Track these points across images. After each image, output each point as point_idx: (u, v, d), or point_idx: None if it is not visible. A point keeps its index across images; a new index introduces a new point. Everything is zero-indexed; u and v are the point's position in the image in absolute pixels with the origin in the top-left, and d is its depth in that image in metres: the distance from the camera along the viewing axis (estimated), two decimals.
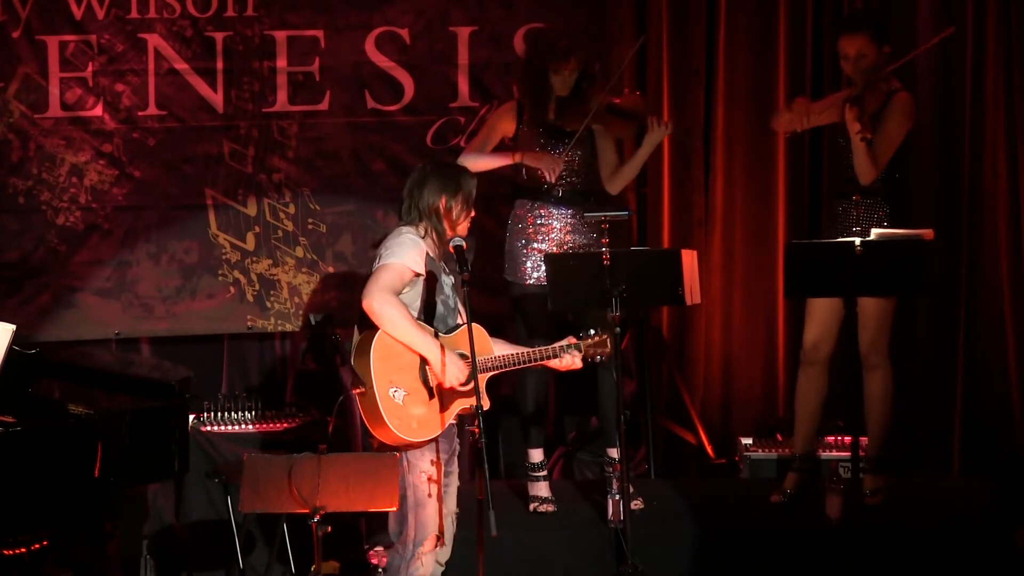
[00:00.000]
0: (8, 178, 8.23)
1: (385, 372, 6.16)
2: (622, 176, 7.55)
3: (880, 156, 7.25)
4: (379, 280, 6.15)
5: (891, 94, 7.30)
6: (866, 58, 7.25)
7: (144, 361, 8.08)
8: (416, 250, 6.21)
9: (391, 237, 6.29)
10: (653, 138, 7.41)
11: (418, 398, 6.19)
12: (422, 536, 6.23)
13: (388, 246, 6.24)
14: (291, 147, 8.39)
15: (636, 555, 6.93)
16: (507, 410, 8.05)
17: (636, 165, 7.53)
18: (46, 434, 6.25)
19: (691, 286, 7.05)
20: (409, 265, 6.18)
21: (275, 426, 8.16)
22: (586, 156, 7.51)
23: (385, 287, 6.14)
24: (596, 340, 6.48)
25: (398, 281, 6.17)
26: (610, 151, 7.56)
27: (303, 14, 8.34)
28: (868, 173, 7.24)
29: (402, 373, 6.18)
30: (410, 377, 6.20)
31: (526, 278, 7.47)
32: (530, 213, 7.51)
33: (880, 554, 7.07)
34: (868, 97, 7.19)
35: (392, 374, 6.17)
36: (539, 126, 7.47)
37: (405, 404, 6.17)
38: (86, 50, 8.21)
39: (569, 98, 7.44)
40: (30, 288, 8.27)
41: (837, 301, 7.30)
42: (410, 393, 6.18)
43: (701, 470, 8.48)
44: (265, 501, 5.90)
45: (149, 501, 7.91)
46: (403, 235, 6.25)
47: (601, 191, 7.58)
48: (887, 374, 7.44)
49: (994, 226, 8.34)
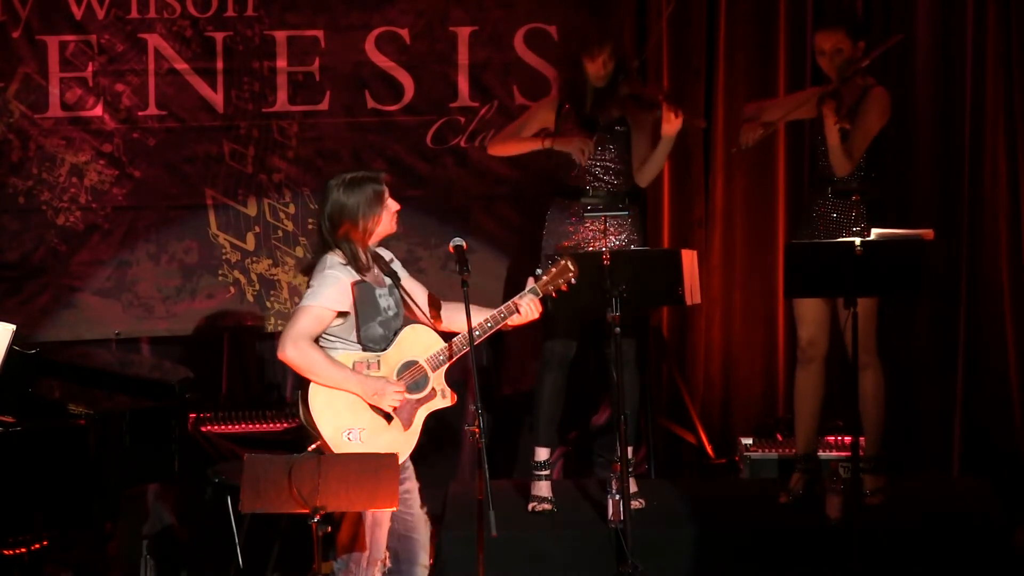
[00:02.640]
0: (8, 178, 8.24)
1: (333, 420, 6.03)
2: (647, 169, 7.52)
3: (855, 149, 7.27)
4: (294, 327, 6.01)
5: (867, 88, 7.33)
6: (842, 53, 7.28)
7: (144, 361, 8.07)
8: (336, 287, 6.02)
9: (316, 271, 6.10)
10: (668, 129, 7.37)
11: (379, 427, 6.06)
12: (376, 556, 6.13)
13: (311, 283, 6.08)
14: (291, 147, 8.40)
15: (636, 555, 6.94)
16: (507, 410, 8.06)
17: (657, 157, 7.48)
18: (46, 434, 6.25)
19: (691, 286, 7.05)
20: (327, 306, 6.01)
21: (275, 426, 8.16)
22: (623, 154, 7.51)
23: (299, 334, 5.98)
24: (553, 272, 6.27)
25: (316, 325, 6.01)
26: (642, 144, 7.53)
27: (303, 14, 8.34)
28: (843, 165, 7.26)
29: (353, 412, 6.04)
30: (363, 410, 6.06)
31: None
32: (564, 212, 7.51)
33: (880, 554, 7.07)
34: (844, 91, 7.23)
35: (342, 418, 6.03)
36: (575, 119, 7.48)
37: (367, 442, 6.04)
38: (86, 50, 8.21)
39: (605, 90, 7.45)
40: (30, 288, 8.28)
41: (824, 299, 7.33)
42: (369, 428, 6.05)
43: (701, 470, 8.48)
44: (265, 501, 5.89)
45: (149, 501, 7.91)
46: (325, 270, 6.07)
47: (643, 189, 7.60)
48: (878, 372, 7.44)
49: (994, 226, 8.33)
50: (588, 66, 7.44)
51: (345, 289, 6.04)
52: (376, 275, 6.16)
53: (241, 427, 8.17)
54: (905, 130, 8.30)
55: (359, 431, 6.04)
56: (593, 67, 7.43)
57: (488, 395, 8.36)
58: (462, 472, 8.30)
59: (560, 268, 6.28)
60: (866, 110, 7.29)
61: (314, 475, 5.83)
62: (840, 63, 7.26)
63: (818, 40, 7.35)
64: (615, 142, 7.49)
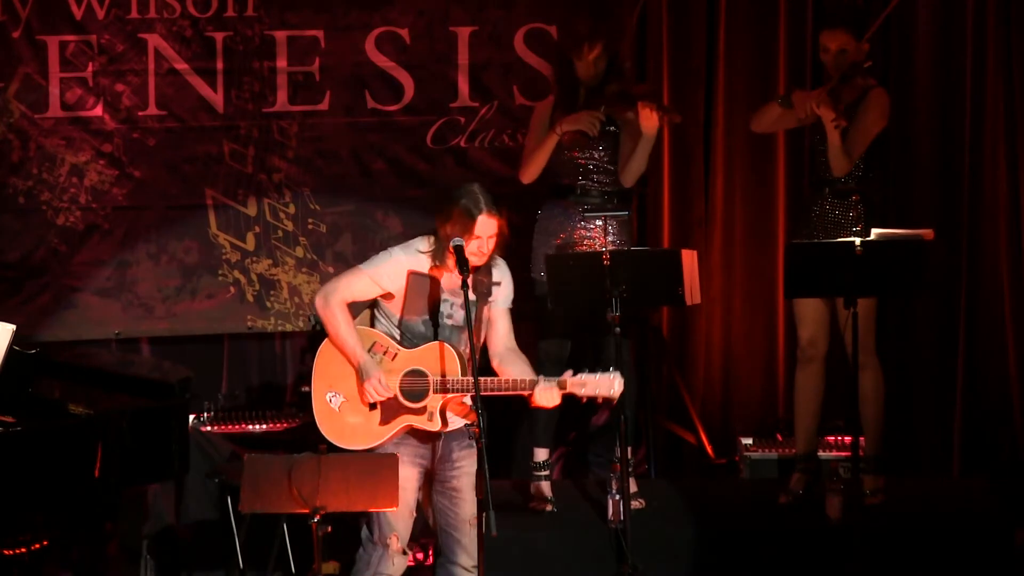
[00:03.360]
0: (8, 178, 8.24)
1: (326, 376, 6.18)
2: (629, 168, 7.50)
3: (854, 149, 7.27)
4: (335, 282, 6.21)
5: (867, 89, 7.34)
6: (846, 53, 7.28)
7: (144, 361, 8.08)
8: (390, 265, 6.19)
9: (396, 245, 6.29)
10: (646, 127, 7.35)
11: (358, 407, 6.18)
12: (387, 532, 6.21)
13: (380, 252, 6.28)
14: (291, 147, 8.39)
15: (636, 555, 6.93)
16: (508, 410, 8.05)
17: (639, 156, 7.44)
18: (46, 434, 6.24)
19: (691, 286, 7.05)
20: (373, 278, 6.18)
21: (275, 426, 8.16)
22: (613, 154, 7.50)
23: (334, 290, 6.17)
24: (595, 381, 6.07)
25: (354, 289, 6.18)
26: (629, 142, 7.53)
27: (303, 14, 8.34)
28: (842, 165, 7.26)
29: (344, 380, 6.18)
30: (352, 384, 6.19)
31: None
32: (556, 213, 7.50)
33: (880, 554, 7.07)
34: (844, 90, 7.23)
35: (334, 379, 6.18)
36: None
37: (341, 411, 6.17)
38: (86, 50, 8.21)
39: (597, 89, 7.45)
40: (30, 288, 8.28)
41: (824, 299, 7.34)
42: (349, 400, 6.18)
43: (701, 470, 8.47)
44: (265, 501, 5.90)
45: (149, 501, 7.90)
46: (395, 247, 6.23)
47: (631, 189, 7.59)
48: (877, 372, 7.44)
49: (994, 226, 8.33)
50: (579, 66, 7.43)
51: (399, 271, 6.17)
52: (453, 280, 6.18)
53: (241, 427, 8.17)
54: (905, 130, 8.31)
55: (340, 399, 6.18)
56: (583, 67, 7.43)
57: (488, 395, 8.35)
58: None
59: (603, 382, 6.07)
60: (865, 110, 7.30)
61: (314, 475, 5.84)
62: (844, 63, 7.27)
63: (824, 38, 7.35)
64: (606, 142, 7.48)
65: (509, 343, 6.29)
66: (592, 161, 7.49)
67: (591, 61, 7.41)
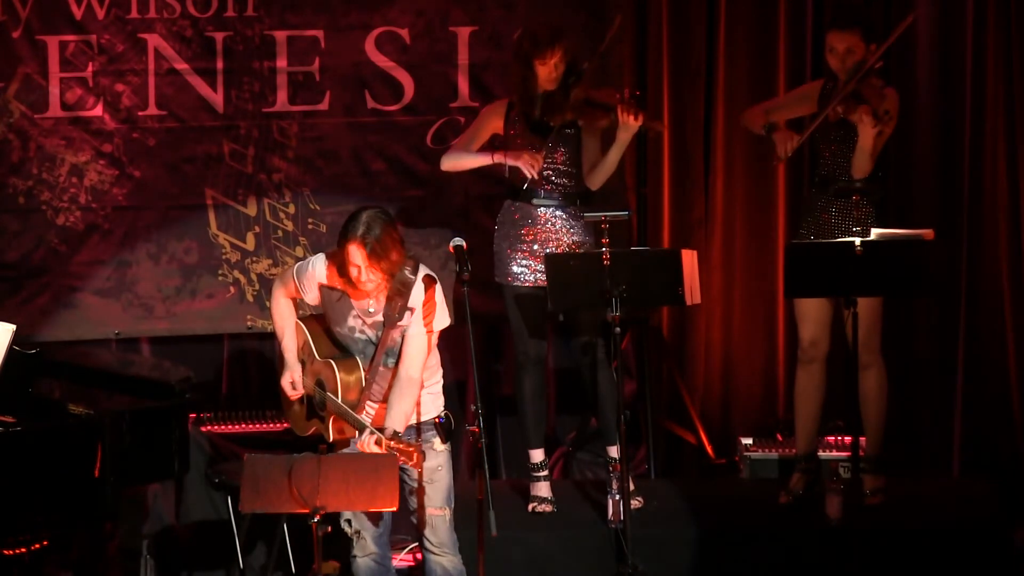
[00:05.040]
0: (8, 178, 8.24)
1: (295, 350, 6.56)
2: (599, 171, 7.43)
3: (877, 151, 7.27)
4: (285, 272, 6.58)
5: (880, 90, 7.32)
6: (854, 54, 7.26)
7: (144, 361, 8.08)
8: (306, 273, 6.46)
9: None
10: (624, 132, 7.29)
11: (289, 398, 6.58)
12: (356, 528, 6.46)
13: None
14: (291, 147, 8.39)
15: (636, 555, 6.94)
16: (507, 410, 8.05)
17: (609, 161, 7.38)
18: (46, 434, 6.25)
19: (691, 286, 7.04)
20: (294, 277, 6.49)
21: (275, 426, 8.16)
22: (574, 156, 7.46)
23: (282, 282, 6.54)
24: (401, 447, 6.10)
25: (289, 285, 6.52)
26: (592, 147, 7.46)
27: (303, 14, 8.34)
28: (867, 167, 7.27)
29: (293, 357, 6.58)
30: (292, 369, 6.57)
31: (513, 280, 7.43)
32: (517, 215, 7.47)
33: (880, 554, 7.07)
34: (869, 93, 7.20)
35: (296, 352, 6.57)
36: (525, 123, 7.44)
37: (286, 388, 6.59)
38: (86, 50, 8.21)
39: (555, 93, 7.38)
40: (30, 288, 8.28)
41: (826, 299, 7.33)
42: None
43: (701, 470, 8.48)
44: (265, 501, 5.90)
45: (149, 501, 7.91)
46: (318, 256, 6.47)
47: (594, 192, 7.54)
48: (881, 372, 7.44)
49: (994, 226, 8.34)
50: (539, 68, 7.33)
51: (311, 281, 6.44)
52: (359, 295, 6.31)
53: (241, 427, 8.17)
54: (905, 130, 8.29)
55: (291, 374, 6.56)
56: (544, 69, 7.34)
57: (488, 395, 8.36)
58: (462, 472, 8.28)
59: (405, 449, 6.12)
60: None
61: (314, 475, 5.84)
62: (851, 64, 7.24)
63: (832, 39, 7.32)
64: (565, 144, 7.44)
65: (411, 371, 6.27)
66: (552, 166, 7.44)
67: (552, 65, 7.35)
